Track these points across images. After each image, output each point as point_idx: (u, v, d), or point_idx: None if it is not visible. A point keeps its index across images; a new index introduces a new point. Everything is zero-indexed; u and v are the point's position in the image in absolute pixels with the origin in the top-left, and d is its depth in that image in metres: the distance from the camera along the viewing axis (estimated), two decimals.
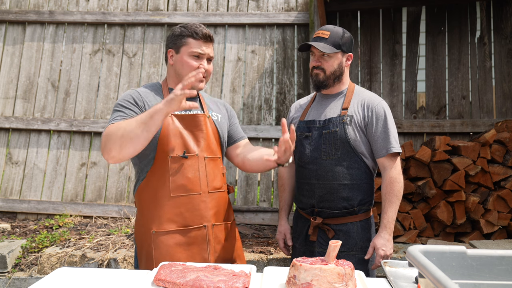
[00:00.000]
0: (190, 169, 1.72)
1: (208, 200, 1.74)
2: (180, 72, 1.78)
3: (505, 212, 3.22)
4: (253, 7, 4.27)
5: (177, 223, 1.69)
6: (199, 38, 1.75)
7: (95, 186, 4.06)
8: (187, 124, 1.74)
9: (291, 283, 1.24)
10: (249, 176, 3.99)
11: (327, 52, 1.92)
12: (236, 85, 4.17)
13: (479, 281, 1.07)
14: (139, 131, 1.52)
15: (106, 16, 4.30)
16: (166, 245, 1.66)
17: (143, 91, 1.78)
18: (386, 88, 4.15)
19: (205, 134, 1.77)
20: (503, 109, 4.00)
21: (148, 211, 1.71)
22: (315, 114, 2.05)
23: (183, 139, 1.72)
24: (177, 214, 1.69)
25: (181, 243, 1.68)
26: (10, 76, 4.30)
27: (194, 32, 1.75)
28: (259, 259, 3.04)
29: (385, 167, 1.95)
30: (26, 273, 3.10)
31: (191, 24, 1.78)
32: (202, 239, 1.72)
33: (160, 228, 1.68)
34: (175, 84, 1.81)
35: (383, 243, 1.89)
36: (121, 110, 1.69)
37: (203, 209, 1.73)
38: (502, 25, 4.06)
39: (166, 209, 1.68)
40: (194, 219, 1.71)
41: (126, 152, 1.55)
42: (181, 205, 1.70)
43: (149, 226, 1.69)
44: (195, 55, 1.75)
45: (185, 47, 1.75)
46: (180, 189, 1.70)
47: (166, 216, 1.68)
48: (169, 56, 1.81)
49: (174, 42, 1.78)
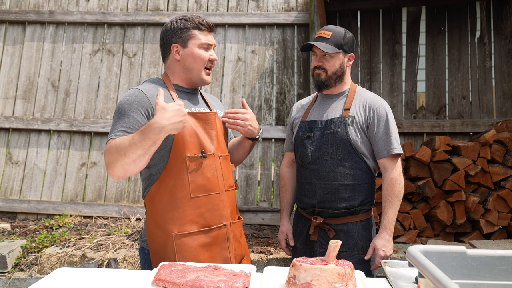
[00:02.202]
0: (209, 168, 1.67)
1: (225, 199, 1.72)
2: (192, 66, 1.73)
3: (505, 212, 3.22)
4: (253, 7, 4.27)
5: (198, 224, 1.65)
6: (205, 28, 1.73)
7: (95, 186, 4.06)
8: (201, 122, 1.69)
9: (291, 283, 1.24)
10: (249, 176, 3.99)
11: (329, 52, 1.92)
12: (236, 85, 4.17)
13: (479, 281, 1.07)
14: (137, 154, 1.47)
15: (106, 16, 4.30)
16: (189, 247, 1.62)
17: (148, 89, 1.68)
18: (386, 88, 4.15)
19: (217, 132, 1.73)
20: (503, 109, 4.00)
21: (166, 213, 1.65)
22: (317, 115, 2.06)
23: (198, 138, 1.65)
24: (198, 215, 1.65)
25: (204, 244, 1.65)
26: (10, 76, 4.30)
27: (199, 23, 1.72)
28: (259, 259, 3.03)
29: (386, 168, 1.95)
30: (26, 273, 3.10)
31: (192, 16, 1.74)
32: (223, 238, 1.70)
33: (181, 230, 1.63)
34: (181, 80, 1.76)
35: (383, 244, 1.89)
36: (123, 120, 1.60)
37: (222, 208, 1.70)
38: (502, 25, 4.06)
39: (187, 211, 1.64)
40: (214, 219, 1.68)
41: (131, 172, 1.52)
42: (202, 206, 1.66)
43: (168, 229, 1.63)
44: (204, 46, 1.72)
45: (193, 40, 1.71)
46: (200, 190, 1.65)
47: (188, 218, 1.64)
48: (173, 51, 1.73)
49: (179, 36, 1.71)
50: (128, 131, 1.57)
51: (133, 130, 1.57)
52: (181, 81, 1.77)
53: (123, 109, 1.62)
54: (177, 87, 1.76)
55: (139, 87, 1.70)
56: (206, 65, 1.75)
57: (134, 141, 1.47)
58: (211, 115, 1.73)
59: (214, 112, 1.75)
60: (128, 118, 1.60)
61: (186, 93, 1.78)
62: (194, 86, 1.80)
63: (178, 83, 1.77)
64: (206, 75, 1.76)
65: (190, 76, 1.75)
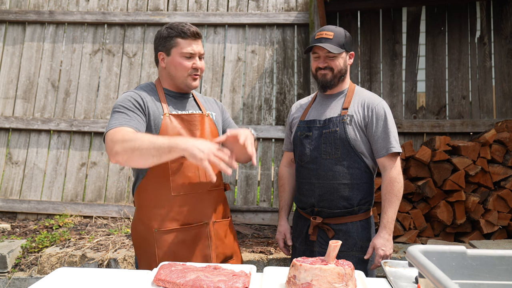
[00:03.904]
0: (190, 168, 1.73)
1: (208, 198, 1.77)
2: (174, 74, 1.78)
3: (505, 212, 3.22)
4: (253, 7, 4.27)
5: (179, 221, 1.71)
6: (188, 37, 1.75)
7: (95, 186, 4.06)
8: (185, 123, 1.75)
9: (291, 283, 1.24)
10: (249, 176, 3.99)
11: (336, 53, 1.94)
12: (236, 85, 4.17)
13: (479, 281, 1.07)
14: (150, 155, 1.47)
15: (106, 16, 4.30)
16: (169, 243, 1.69)
17: (141, 93, 1.75)
18: (386, 88, 4.15)
19: (201, 132, 1.78)
20: (503, 109, 4.00)
21: (149, 210, 1.73)
22: (315, 114, 2.06)
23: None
24: (179, 212, 1.71)
25: (184, 240, 1.71)
26: (10, 76, 4.30)
27: (182, 31, 1.74)
28: (259, 259, 3.03)
29: (385, 167, 1.96)
30: (26, 273, 3.10)
31: (177, 24, 1.77)
32: (204, 236, 1.75)
33: (162, 226, 1.70)
34: (169, 85, 1.82)
35: (383, 243, 1.89)
36: (123, 112, 1.65)
37: (204, 207, 1.76)
38: (502, 25, 4.06)
39: (168, 208, 1.70)
40: (195, 216, 1.74)
41: (131, 164, 1.55)
42: (183, 204, 1.71)
43: (150, 225, 1.71)
44: (187, 55, 1.75)
45: (175, 48, 1.75)
46: (181, 188, 1.71)
47: (168, 215, 1.70)
48: (160, 59, 1.79)
49: (163, 45, 1.77)
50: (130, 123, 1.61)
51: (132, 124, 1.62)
52: (170, 86, 1.83)
53: (121, 105, 1.68)
54: (166, 91, 1.83)
55: (133, 90, 1.78)
56: (190, 72, 1.77)
57: (157, 142, 1.47)
58: (196, 116, 1.78)
59: (200, 113, 1.80)
60: (129, 112, 1.65)
61: (175, 97, 1.83)
62: (183, 91, 1.85)
63: (168, 88, 1.83)
64: (192, 81, 1.79)
65: (175, 82, 1.81)
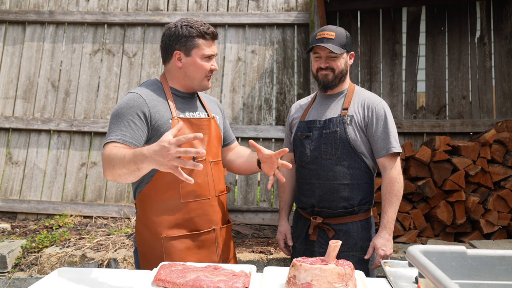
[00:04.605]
0: (200, 174, 1.69)
1: (215, 204, 1.75)
2: (193, 75, 1.72)
3: (505, 212, 3.22)
4: (253, 7, 4.27)
5: (187, 228, 1.68)
6: (210, 38, 1.71)
7: (95, 186, 4.06)
8: (194, 127, 1.71)
9: (291, 283, 1.24)
10: (249, 176, 3.99)
11: (338, 53, 1.93)
12: (236, 85, 4.17)
13: (479, 281, 1.07)
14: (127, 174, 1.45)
15: (106, 16, 4.30)
16: (177, 249, 1.66)
17: (146, 94, 1.68)
18: (386, 88, 4.15)
19: (209, 137, 1.74)
20: (503, 109, 4.00)
21: (156, 216, 1.67)
22: (315, 114, 2.06)
23: (190, 144, 1.65)
24: (188, 219, 1.68)
25: (192, 247, 1.68)
26: (10, 76, 4.30)
27: (204, 32, 1.68)
28: (259, 259, 3.03)
29: (385, 167, 1.96)
30: (26, 273, 3.10)
31: (197, 23, 1.69)
32: (211, 242, 1.73)
33: (170, 233, 1.65)
34: (180, 85, 1.76)
35: (383, 243, 1.89)
36: (121, 121, 1.60)
37: (212, 213, 1.73)
38: (502, 25, 4.05)
39: (177, 215, 1.66)
40: (203, 223, 1.71)
41: (121, 182, 1.55)
42: (192, 211, 1.68)
43: (158, 231, 1.66)
44: (207, 57, 1.71)
45: (197, 49, 1.69)
46: (191, 195, 1.67)
47: (177, 222, 1.67)
48: (175, 58, 1.71)
49: (183, 44, 1.69)
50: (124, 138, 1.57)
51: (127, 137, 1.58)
52: (179, 86, 1.77)
53: (122, 113, 1.62)
54: (174, 90, 1.76)
55: (138, 91, 1.70)
56: (207, 74, 1.75)
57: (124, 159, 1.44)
58: (205, 120, 1.75)
59: (208, 118, 1.77)
60: (128, 123, 1.60)
61: (183, 97, 1.78)
62: (192, 91, 1.81)
63: (176, 87, 1.77)
64: (207, 82, 1.77)
65: (190, 83, 1.76)
